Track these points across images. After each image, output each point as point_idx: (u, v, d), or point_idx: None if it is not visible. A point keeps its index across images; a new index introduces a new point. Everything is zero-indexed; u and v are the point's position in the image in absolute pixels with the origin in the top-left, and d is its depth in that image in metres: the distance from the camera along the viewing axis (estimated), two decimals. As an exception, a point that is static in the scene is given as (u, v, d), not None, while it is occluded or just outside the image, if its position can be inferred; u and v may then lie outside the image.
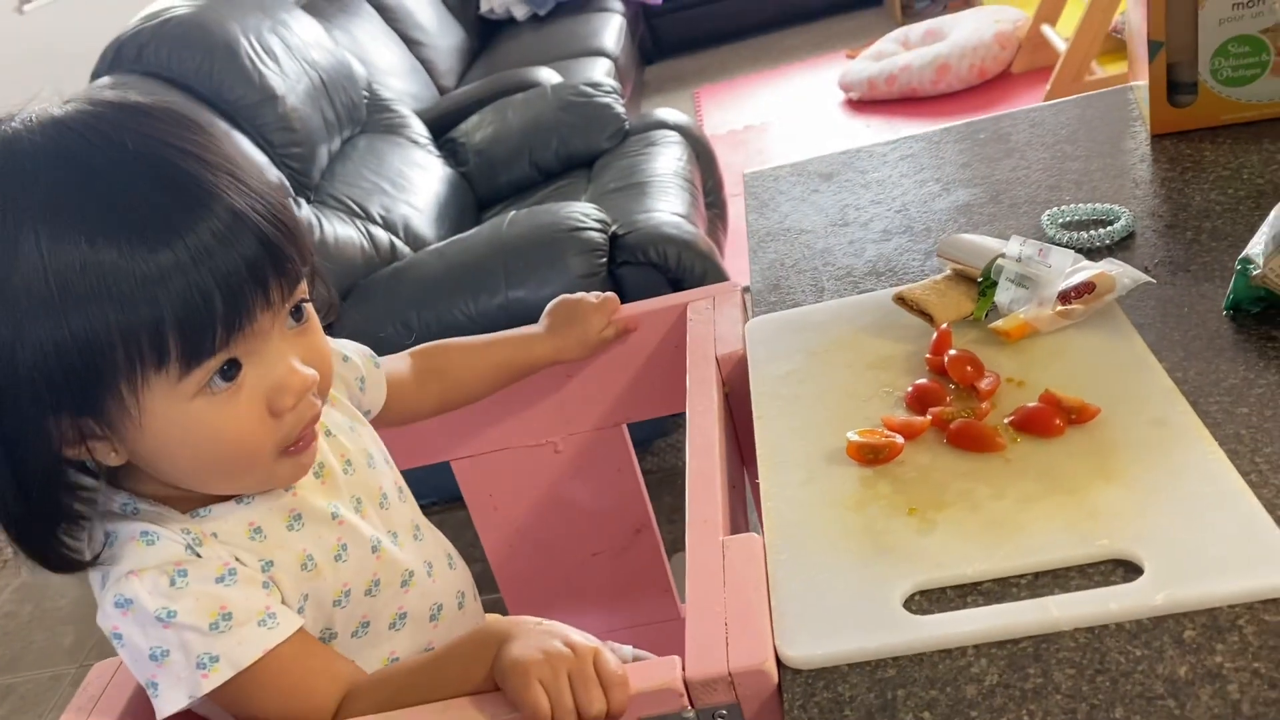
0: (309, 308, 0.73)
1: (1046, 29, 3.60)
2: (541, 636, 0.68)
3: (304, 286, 0.71)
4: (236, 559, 0.73)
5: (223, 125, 2.27)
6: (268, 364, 0.69)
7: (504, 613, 1.11)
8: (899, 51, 4.06)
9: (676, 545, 0.76)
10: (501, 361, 1.06)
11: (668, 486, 2.14)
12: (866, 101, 3.97)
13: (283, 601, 0.74)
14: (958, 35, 3.81)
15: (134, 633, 0.70)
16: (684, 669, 0.65)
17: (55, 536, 0.70)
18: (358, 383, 0.95)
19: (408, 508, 0.90)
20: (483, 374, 1.05)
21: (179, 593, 0.70)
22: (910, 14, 4.77)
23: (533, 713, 0.65)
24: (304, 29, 2.65)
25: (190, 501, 0.74)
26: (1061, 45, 3.27)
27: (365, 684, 0.75)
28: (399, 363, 1.03)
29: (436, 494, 1.98)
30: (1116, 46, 3.34)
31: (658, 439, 2.38)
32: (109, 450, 0.69)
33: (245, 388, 0.68)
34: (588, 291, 1.07)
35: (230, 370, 0.67)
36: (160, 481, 0.73)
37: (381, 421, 0.98)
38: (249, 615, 0.71)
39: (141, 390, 0.64)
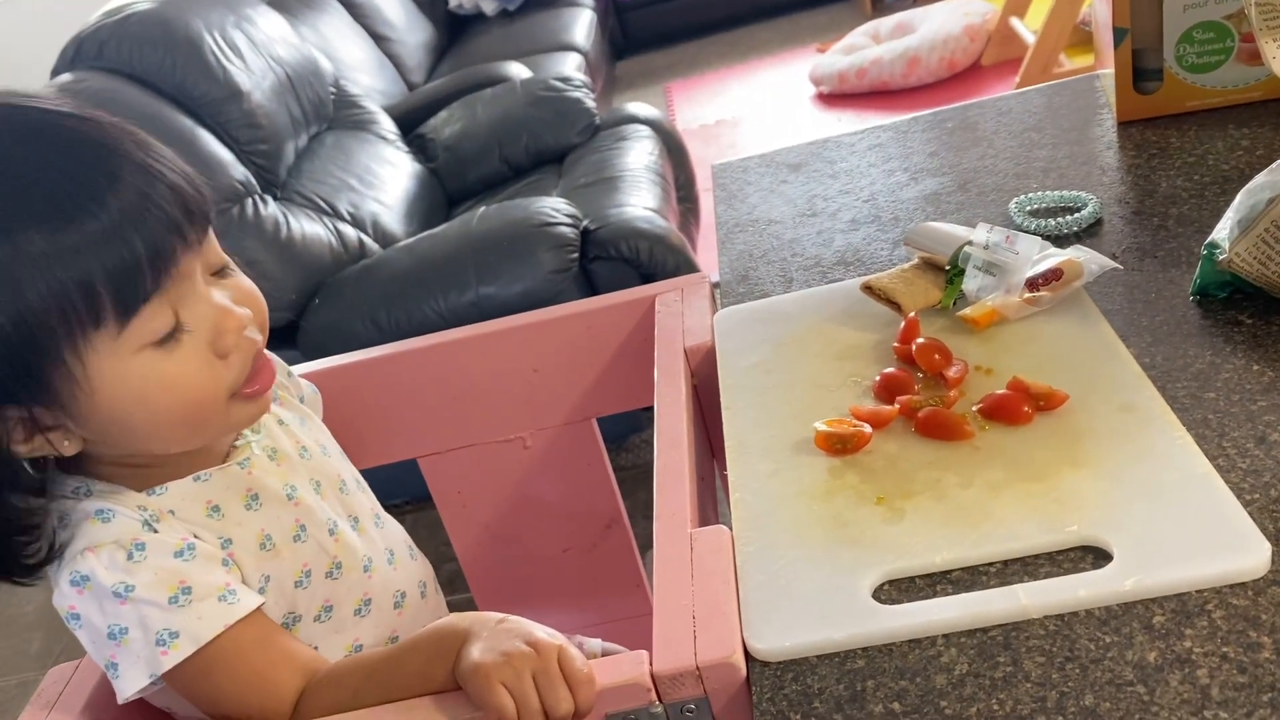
0: (224, 258, 0.73)
1: (1015, 22, 3.62)
2: (503, 636, 0.66)
3: (214, 242, 0.71)
4: (195, 535, 0.72)
5: (187, 122, 2.24)
6: (201, 310, 0.69)
7: (475, 610, 1.09)
8: (869, 45, 4.06)
9: (650, 542, 0.75)
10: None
11: (643, 483, 2.12)
12: (837, 95, 3.98)
13: (243, 581, 0.74)
14: (927, 29, 3.82)
15: (91, 611, 0.69)
16: (651, 663, 0.64)
17: (13, 541, 0.69)
18: (297, 398, 0.94)
19: (367, 497, 0.90)
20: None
21: (136, 566, 0.69)
22: (880, 8, 4.79)
23: (498, 716, 0.63)
24: (269, 24, 2.62)
25: (145, 480, 0.73)
26: (1030, 38, 3.29)
27: (325, 679, 0.74)
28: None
29: (406, 493, 1.96)
30: (1084, 39, 3.36)
31: (632, 435, 2.37)
32: (63, 439, 0.68)
33: (185, 336, 0.68)
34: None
35: (169, 326, 0.67)
36: (115, 461, 0.72)
37: None
38: (209, 590, 0.70)
39: (86, 355, 0.64)
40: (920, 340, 0.83)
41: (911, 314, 0.86)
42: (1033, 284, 0.84)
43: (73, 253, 0.61)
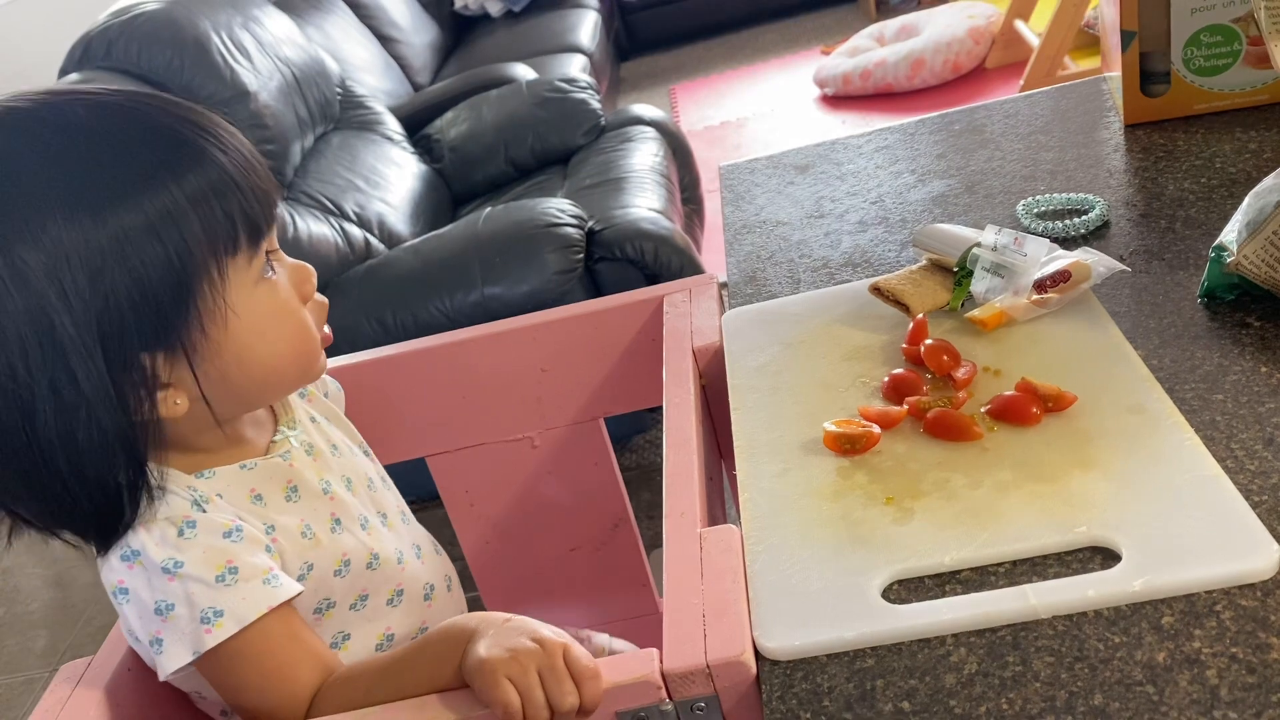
0: None
1: (1020, 24, 3.62)
2: (508, 633, 0.67)
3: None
4: (241, 519, 0.74)
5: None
6: (282, 259, 0.76)
7: (482, 609, 1.10)
8: (874, 47, 4.07)
9: (655, 542, 0.75)
10: None
11: (647, 483, 2.14)
12: (842, 97, 3.98)
13: (283, 568, 0.75)
14: (932, 31, 3.82)
15: (140, 586, 0.70)
16: (662, 661, 0.64)
17: (124, 504, 0.70)
18: (322, 394, 0.96)
19: (393, 495, 0.92)
20: None
21: (187, 544, 0.70)
22: (885, 10, 4.79)
23: (504, 711, 0.64)
24: (276, 25, 2.62)
25: (194, 465, 0.75)
26: (1035, 40, 3.28)
27: (339, 679, 0.75)
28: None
29: (414, 492, 1.96)
30: (1089, 42, 3.36)
31: (636, 435, 2.37)
32: (174, 397, 0.70)
33: (278, 279, 0.74)
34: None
35: (270, 262, 0.73)
36: (175, 442, 0.73)
37: None
38: (254, 572, 0.71)
39: (225, 283, 0.69)
40: (929, 341, 0.83)
41: (920, 315, 0.87)
42: (1041, 286, 0.84)
43: (219, 184, 0.67)
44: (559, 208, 2.16)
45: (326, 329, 0.81)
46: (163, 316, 0.67)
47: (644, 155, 2.63)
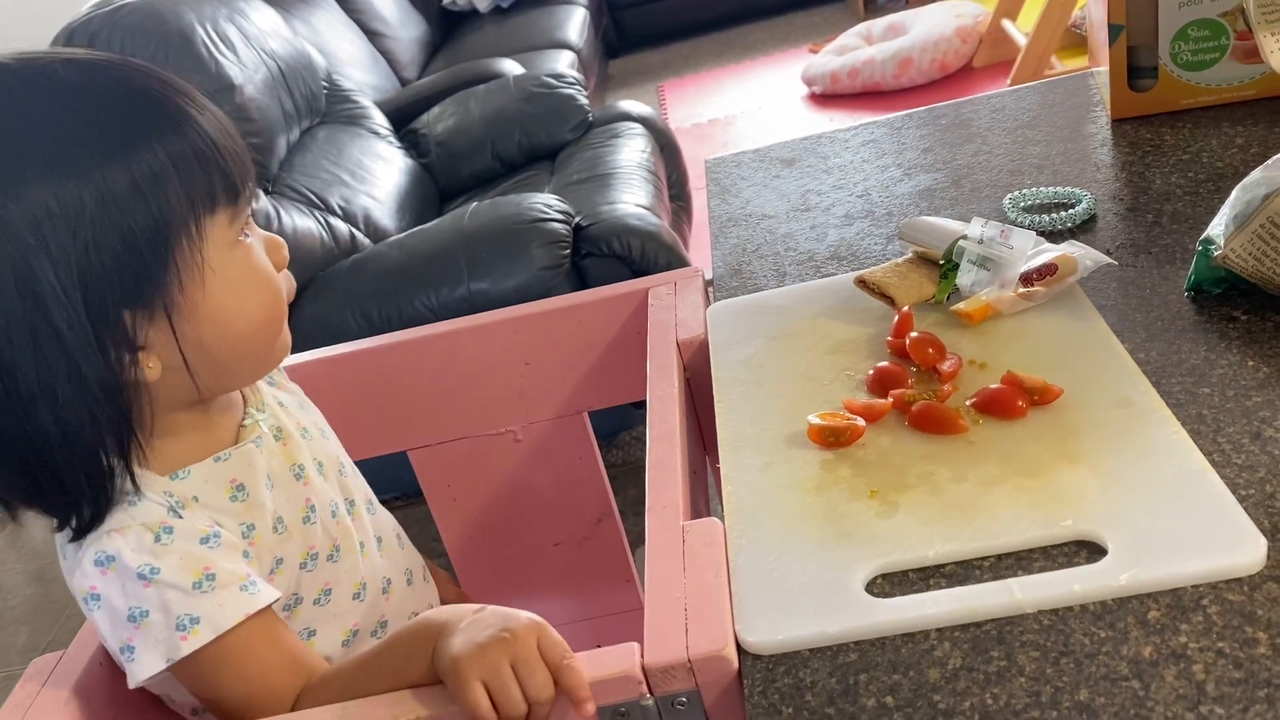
0: None
1: (1007, 23, 3.63)
2: (478, 627, 0.65)
3: None
4: (218, 524, 0.73)
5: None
6: (254, 228, 0.76)
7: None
8: (862, 46, 4.07)
9: (641, 538, 0.74)
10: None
11: (633, 479, 2.13)
12: (829, 95, 3.98)
13: (258, 568, 0.74)
14: (920, 30, 3.82)
15: (113, 592, 0.69)
16: (643, 655, 0.63)
17: (86, 484, 0.68)
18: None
19: (362, 482, 0.91)
20: None
21: (163, 549, 0.69)
22: (873, 9, 4.79)
23: (473, 713, 0.63)
24: (262, 18, 2.60)
25: (169, 461, 0.74)
26: (1021, 40, 3.29)
27: (317, 682, 0.74)
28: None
29: (397, 488, 1.95)
30: (1076, 42, 3.37)
31: (622, 432, 2.37)
32: (149, 360, 0.69)
33: (252, 243, 0.74)
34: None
35: (243, 231, 0.73)
36: (159, 413, 0.72)
37: None
38: (231, 578, 0.70)
39: (204, 240, 0.69)
40: (914, 334, 0.82)
41: (905, 308, 0.86)
42: (1027, 279, 0.84)
43: (198, 144, 0.68)
44: (546, 203, 2.14)
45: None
46: (143, 271, 0.66)
47: (632, 151, 2.62)
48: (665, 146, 2.83)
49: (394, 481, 1.54)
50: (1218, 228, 0.80)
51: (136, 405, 0.69)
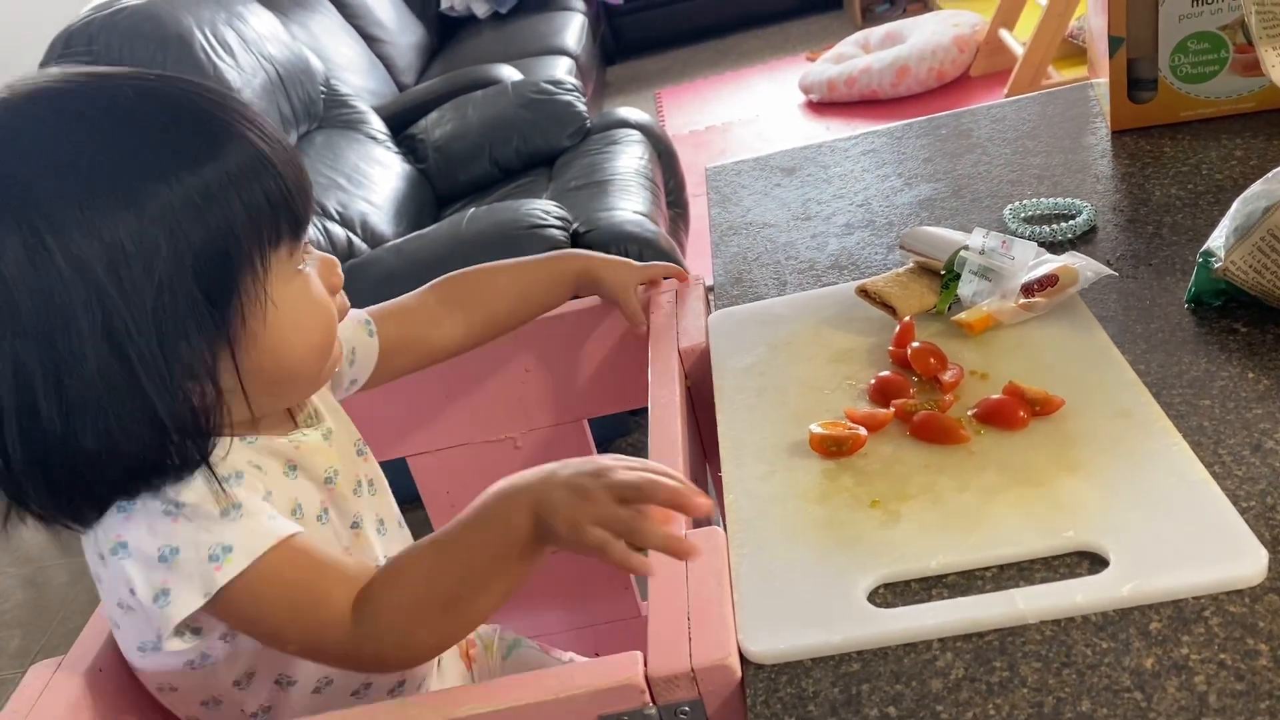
0: None
1: (1004, 33, 3.64)
2: (572, 483, 0.67)
3: None
4: (239, 470, 0.72)
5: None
6: (311, 255, 0.76)
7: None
8: (859, 54, 4.08)
9: (641, 546, 0.74)
10: (529, 280, 1.04)
11: (628, 486, 2.13)
12: (827, 103, 3.99)
13: None
14: (917, 38, 3.83)
15: (140, 535, 0.67)
16: (646, 664, 0.63)
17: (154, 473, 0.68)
18: (349, 355, 0.94)
19: (390, 501, 0.90)
20: (507, 294, 1.04)
21: (184, 486, 0.67)
22: (870, 17, 4.80)
23: (603, 552, 0.65)
24: (260, 22, 2.60)
25: None
26: (1019, 49, 3.30)
27: (386, 576, 0.70)
28: (420, 297, 1.05)
29: (396, 494, 1.95)
30: (1072, 52, 3.38)
31: (618, 439, 2.36)
32: (207, 389, 0.68)
33: (311, 270, 0.75)
34: None
35: (304, 259, 0.74)
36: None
37: (386, 373, 1.00)
38: (259, 509, 0.69)
39: (267, 271, 0.69)
40: (915, 344, 0.83)
41: (906, 318, 0.86)
42: (1028, 289, 0.84)
43: (263, 171, 0.68)
44: (544, 209, 2.15)
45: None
46: (210, 308, 0.66)
47: (629, 158, 2.62)
48: (663, 153, 2.83)
49: (393, 488, 1.54)
50: (1218, 240, 0.80)
51: (195, 430, 0.69)
